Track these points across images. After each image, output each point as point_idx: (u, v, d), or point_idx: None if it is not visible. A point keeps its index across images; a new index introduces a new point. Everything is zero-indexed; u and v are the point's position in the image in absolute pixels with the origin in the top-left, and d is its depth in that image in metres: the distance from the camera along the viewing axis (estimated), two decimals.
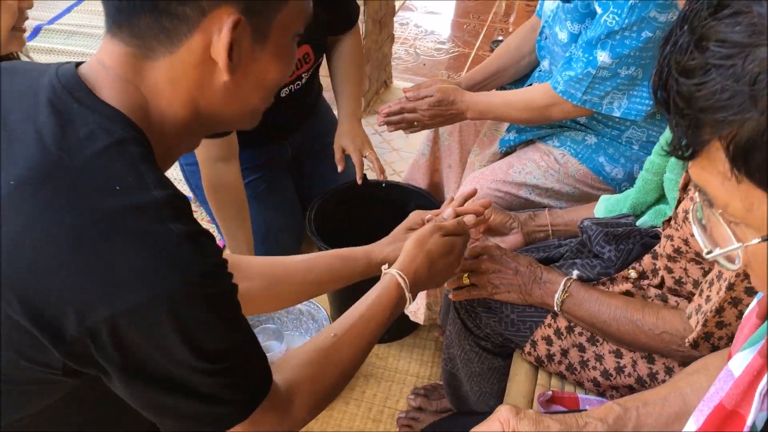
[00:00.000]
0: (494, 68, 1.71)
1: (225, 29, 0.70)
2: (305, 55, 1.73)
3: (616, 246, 1.21)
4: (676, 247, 1.07)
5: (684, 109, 0.51)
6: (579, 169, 1.49)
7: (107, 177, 0.68)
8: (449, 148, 1.76)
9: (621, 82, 1.35)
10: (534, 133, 1.57)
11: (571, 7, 1.41)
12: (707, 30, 0.50)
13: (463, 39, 3.53)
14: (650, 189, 1.24)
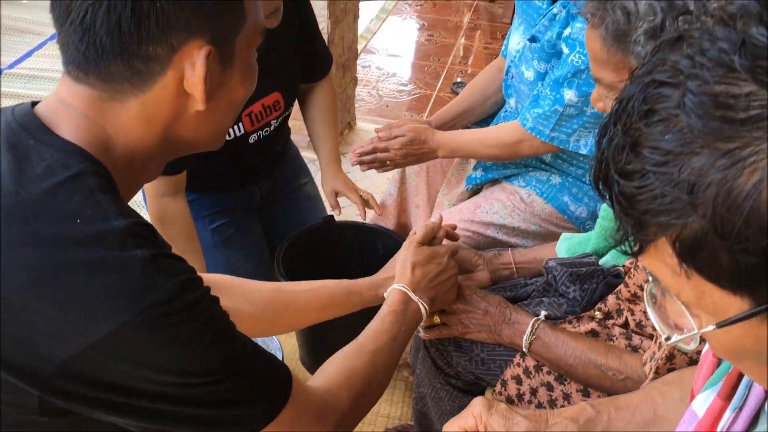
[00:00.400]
0: (462, 108, 1.76)
1: (199, 62, 0.72)
2: (275, 102, 1.75)
3: (580, 286, 1.25)
4: (633, 293, 1.11)
5: (627, 208, 0.51)
6: (545, 208, 1.53)
7: (66, 210, 0.68)
8: (417, 189, 1.79)
9: (587, 120, 1.40)
10: (500, 172, 1.61)
11: (537, 46, 1.47)
12: (639, 136, 0.49)
13: (425, 81, 3.61)
14: (608, 234, 1.28)
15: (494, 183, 1.64)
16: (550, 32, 1.45)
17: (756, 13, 0.47)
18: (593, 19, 0.97)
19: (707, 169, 0.45)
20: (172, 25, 0.70)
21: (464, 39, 4.14)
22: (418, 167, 1.79)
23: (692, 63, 0.48)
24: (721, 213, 0.45)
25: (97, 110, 0.73)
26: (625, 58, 0.95)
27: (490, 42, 4.15)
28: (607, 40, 0.95)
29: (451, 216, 1.55)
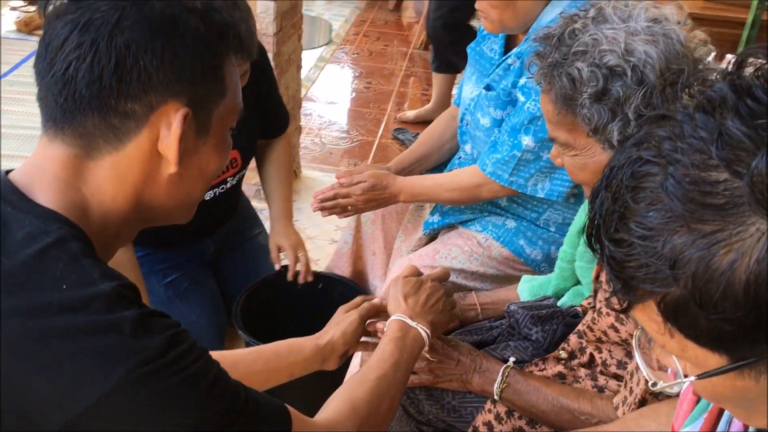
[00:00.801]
0: (419, 154, 1.80)
1: (175, 123, 0.72)
2: (233, 160, 1.76)
3: (542, 327, 1.28)
4: (598, 337, 1.15)
5: (617, 271, 0.55)
6: (501, 252, 1.57)
7: (52, 277, 0.67)
8: (373, 236, 1.81)
9: (543, 165, 1.45)
10: (457, 217, 1.64)
11: (493, 95, 1.52)
12: (626, 209, 0.54)
13: (366, 128, 3.66)
14: (567, 276, 1.33)
15: (450, 228, 1.67)
16: (505, 81, 1.52)
17: (732, 104, 0.52)
18: (544, 84, 1.03)
19: (688, 247, 0.50)
20: (153, 84, 0.71)
21: (401, 86, 4.24)
22: (374, 215, 1.81)
23: (674, 146, 0.53)
24: (700, 286, 0.50)
25: (73, 171, 0.73)
26: (575, 119, 1.00)
27: (426, 89, 4.25)
28: (557, 104, 1.01)
29: (411, 262, 1.56)
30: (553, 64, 0.99)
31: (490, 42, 1.63)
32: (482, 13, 1.50)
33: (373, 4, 5.61)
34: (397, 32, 5.14)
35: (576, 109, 0.99)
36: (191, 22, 0.72)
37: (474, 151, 1.63)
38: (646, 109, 0.94)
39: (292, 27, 2.74)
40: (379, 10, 5.47)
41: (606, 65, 0.95)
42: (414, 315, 1.12)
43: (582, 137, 1.02)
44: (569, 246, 1.29)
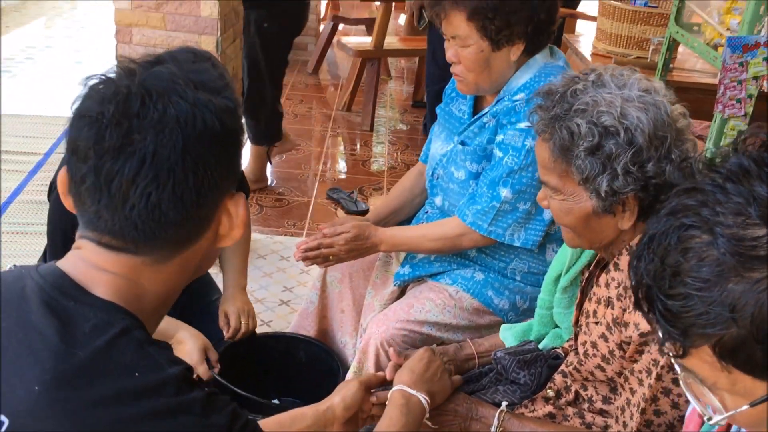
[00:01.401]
0: (394, 206, 1.89)
1: (242, 208, 0.81)
2: None
3: (528, 371, 1.38)
4: (585, 377, 1.25)
5: (673, 322, 0.65)
6: (472, 303, 1.66)
7: (123, 365, 0.72)
8: (340, 295, 1.86)
9: (519, 216, 1.57)
10: (426, 270, 1.72)
11: (470, 149, 1.64)
12: (679, 267, 0.65)
13: (300, 189, 3.72)
14: (546, 321, 1.44)
15: (419, 282, 1.75)
16: (480, 138, 1.64)
17: (756, 174, 0.65)
18: (544, 134, 1.13)
19: (744, 293, 0.61)
20: (220, 185, 0.79)
21: (330, 147, 4.35)
22: (340, 275, 1.87)
23: (714, 212, 0.64)
24: (757, 324, 0.61)
25: (138, 273, 0.78)
26: (569, 168, 1.11)
27: (353, 149, 4.38)
28: (555, 152, 1.12)
29: (386, 317, 1.63)
30: (555, 117, 1.10)
31: (458, 103, 1.76)
32: (458, 77, 1.63)
33: (292, 67, 5.73)
34: (317, 94, 5.28)
35: (571, 159, 1.09)
36: (227, 121, 0.79)
37: (445, 203, 1.73)
38: (633, 167, 1.06)
39: None
40: (299, 74, 5.61)
41: (602, 124, 1.06)
42: (413, 384, 1.22)
43: (572, 185, 1.13)
44: (547, 294, 1.40)
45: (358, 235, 1.66)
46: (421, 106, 5.11)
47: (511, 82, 1.61)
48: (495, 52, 1.56)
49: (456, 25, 1.56)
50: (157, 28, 2.47)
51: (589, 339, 1.21)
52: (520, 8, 1.52)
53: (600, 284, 1.21)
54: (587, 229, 1.16)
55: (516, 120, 1.56)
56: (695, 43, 2.60)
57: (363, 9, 5.97)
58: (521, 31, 1.54)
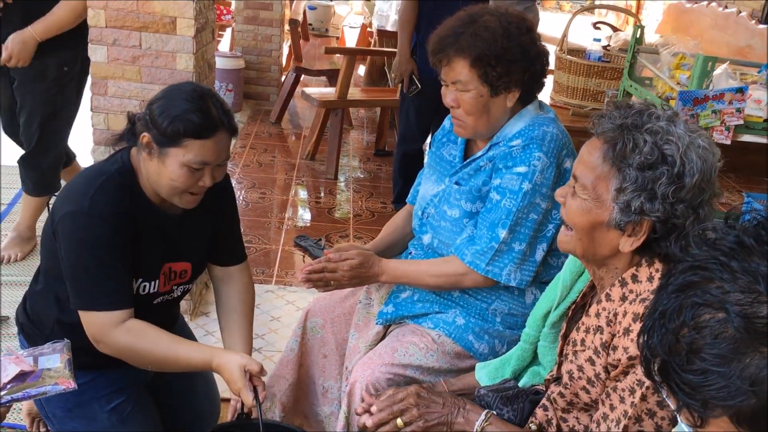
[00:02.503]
0: (390, 241, 1.95)
1: None
2: (183, 271, 1.76)
3: (511, 407, 1.44)
4: (569, 401, 1.32)
5: (693, 395, 0.69)
6: (454, 347, 1.71)
7: None
8: (323, 340, 1.89)
9: (516, 256, 1.64)
10: (409, 310, 1.78)
11: (465, 189, 1.72)
12: (694, 343, 0.68)
13: (267, 236, 3.75)
14: (527, 356, 1.50)
15: (401, 324, 1.80)
16: (475, 180, 1.72)
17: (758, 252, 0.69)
18: (605, 135, 1.19)
19: (762, 368, 0.65)
20: None
21: (295, 195, 4.40)
22: (322, 320, 1.91)
23: (723, 290, 0.68)
24: None
25: None
26: (613, 173, 1.18)
27: (320, 196, 4.44)
28: (608, 154, 1.18)
29: (371, 360, 1.66)
30: (626, 125, 1.17)
31: (449, 148, 1.85)
32: (456, 120, 1.71)
33: (255, 117, 5.82)
34: (280, 143, 5.35)
35: (621, 166, 1.16)
36: None
37: (434, 241, 1.79)
38: (670, 198, 1.13)
39: None
40: (262, 123, 5.68)
41: (665, 151, 1.14)
42: None
43: (604, 189, 1.19)
44: (533, 329, 1.47)
45: (362, 263, 1.71)
46: (383, 154, 5.23)
47: (505, 129, 1.70)
48: (493, 97, 1.65)
49: (458, 71, 1.65)
50: (132, 80, 2.51)
51: (576, 364, 1.27)
52: (519, 58, 1.63)
53: (590, 314, 1.28)
54: (590, 237, 1.22)
55: (512, 164, 1.65)
56: (648, 96, 2.76)
57: (324, 60, 6.11)
58: (518, 79, 1.65)
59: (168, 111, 1.53)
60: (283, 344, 2.74)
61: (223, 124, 1.55)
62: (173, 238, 1.71)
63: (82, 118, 4.11)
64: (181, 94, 1.56)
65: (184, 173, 1.54)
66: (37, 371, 1.41)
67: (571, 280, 1.42)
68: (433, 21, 3.45)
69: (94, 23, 2.44)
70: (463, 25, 1.65)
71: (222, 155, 1.58)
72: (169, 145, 1.53)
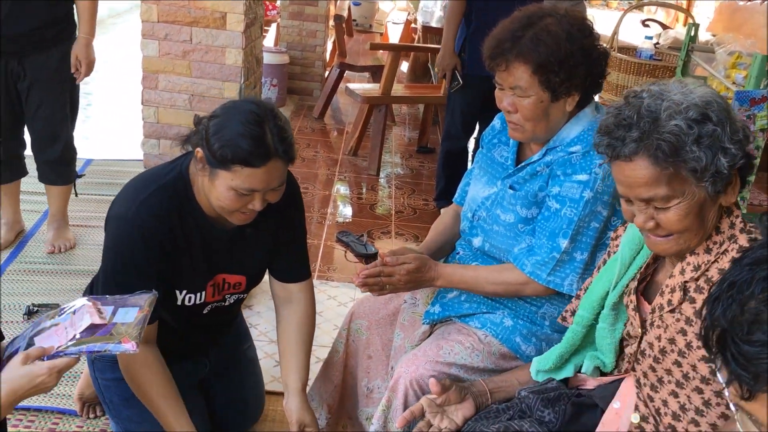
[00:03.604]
0: (440, 242, 1.93)
1: None
2: (238, 283, 1.77)
3: (552, 408, 1.42)
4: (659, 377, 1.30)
5: (746, 366, 0.70)
6: (500, 348, 1.69)
7: None
8: (368, 342, 1.89)
9: (577, 266, 1.61)
10: (456, 311, 1.76)
11: (521, 194, 1.68)
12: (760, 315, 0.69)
13: (310, 231, 3.76)
14: (576, 340, 1.47)
15: (447, 323, 1.78)
16: (531, 185, 1.68)
17: None
18: (635, 155, 1.18)
19: None
20: None
21: (337, 191, 4.41)
22: (367, 322, 1.91)
23: None
24: None
25: None
26: (680, 167, 1.16)
27: (362, 192, 4.45)
28: (660, 162, 1.16)
29: (416, 357, 1.65)
30: (645, 132, 1.16)
31: (501, 150, 1.81)
32: (513, 125, 1.66)
33: (298, 112, 5.86)
34: (323, 139, 5.37)
35: (685, 157, 1.15)
36: None
37: (486, 244, 1.76)
38: (734, 137, 1.15)
39: None
40: (305, 118, 5.72)
41: (692, 118, 1.15)
42: None
43: (682, 184, 1.18)
44: (588, 311, 1.43)
45: (419, 267, 1.68)
46: (425, 151, 5.21)
47: (561, 132, 1.66)
48: (554, 102, 1.61)
49: (518, 76, 1.59)
50: (182, 75, 2.55)
51: (665, 335, 1.27)
52: (581, 62, 1.58)
53: (674, 274, 1.27)
54: (701, 223, 1.21)
55: (572, 172, 1.61)
56: None
57: (368, 56, 6.11)
58: (579, 83, 1.60)
59: (221, 132, 1.47)
60: (324, 339, 2.76)
61: (278, 153, 1.47)
62: (227, 251, 1.69)
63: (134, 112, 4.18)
64: (239, 114, 1.48)
65: (232, 196, 1.50)
66: (108, 325, 1.31)
67: (630, 257, 1.40)
68: (484, 18, 3.47)
69: (146, 18, 2.48)
70: (522, 28, 1.59)
71: (273, 183, 1.51)
72: (218, 167, 1.48)
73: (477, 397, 1.52)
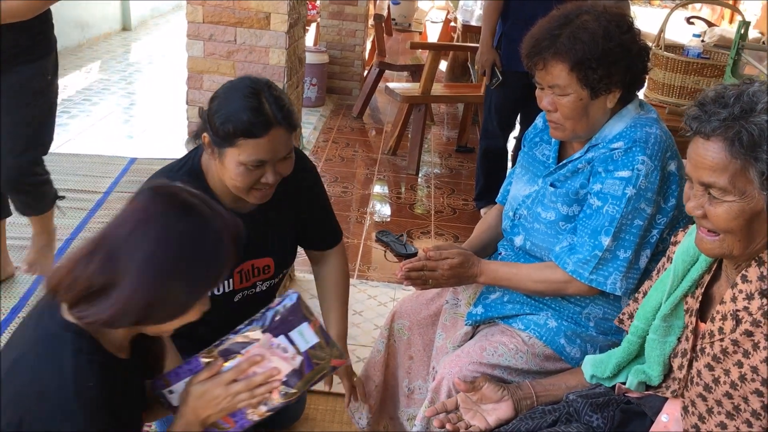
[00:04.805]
0: (484, 240, 1.92)
1: None
2: (266, 266, 1.78)
3: (601, 414, 1.40)
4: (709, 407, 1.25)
5: None
6: (544, 350, 1.67)
7: None
8: (409, 342, 1.89)
9: (621, 264, 1.58)
10: (499, 311, 1.74)
11: (562, 192, 1.66)
12: None
13: (350, 230, 3.78)
14: (633, 350, 1.44)
15: (490, 324, 1.77)
16: (572, 182, 1.66)
17: None
18: (715, 134, 1.14)
19: None
20: None
21: (375, 190, 4.42)
22: (408, 322, 1.91)
23: None
24: None
25: None
26: (750, 165, 1.12)
27: (401, 191, 4.45)
28: (734, 150, 1.12)
29: (459, 358, 1.65)
30: (735, 115, 1.12)
31: (542, 148, 1.79)
32: (553, 123, 1.65)
33: (337, 111, 5.88)
34: (362, 138, 5.38)
35: (759, 155, 1.11)
36: None
37: (527, 243, 1.75)
38: None
39: (294, 138, 2.89)
40: (344, 118, 5.74)
41: None
42: None
43: (744, 183, 1.14)
44: (642, 322, 1.40)
45: (462, 263, 1.67)
46: (464, 151, 5.19)
47: (604, 130, 1.64)
48: (593, 100, 1.59)
49: (556, 75, 1.58)
50: (226, 75, 2.57)
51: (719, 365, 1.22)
52: (620, 58, 1.56)
53: (725, 300, 1.23)
54: (748, 233, 1.17)
55: (614, 168, 1.58)
56: None
57: (407, 55, 6.11)
58: (619, 79, 1.57)
59: (221, 110, 1.52)
60: (365, 338, 2.77)
61: (278, 120, 1.52)
62: (249, 236, 1.70)
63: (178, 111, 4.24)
64: (236, 92, 1.53)
65: (242, 172, 1.53)
66: (305, 360, 1.27)
67: (683, 269, 1.35)
68: (520, 13, 3.45)
69: (191, 19, 2.51)
70: (560, 26, 1.58)
71: (280, 152, 1.54)
72: (224, 146, 1.52)
73: (520, 400, 1.51)
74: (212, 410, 1.26)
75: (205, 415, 1.26)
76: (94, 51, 6.92)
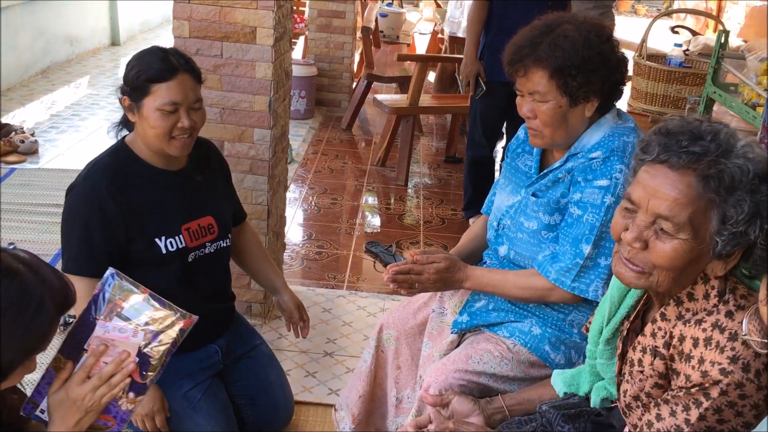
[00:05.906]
0: (471, 248, 1.95)
1: None
2: (209, 225, 1.92)
3: (573, 425, 1.41)
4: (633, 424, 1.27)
5: None
6: (529, 357, 1.69)
7: None
8: (397, 351, 1.91)
9: (602, 272, 1.60)
10: (484, 319, 1.76)
11: (543, 201, 1.69)
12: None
13: (339, 242, 3.79)
14: (596, 371, 1.46)
15: (476, 332, 1.79)
16: (553, 191, 1.69)
17: None
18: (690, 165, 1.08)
19: None
20: None
21: (365, 201, 4.44)
22: (396, 332, 1.92)
23: None
24: None
25: None
26: (713, 206, 1.07)
27: (390, 202, 4.47)
28: (708, 186, 1.07)
29: (444, 366, 1.66)
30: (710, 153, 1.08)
31: (524, 159, 1.82)
32: (533, 131, 1.68)
33: (326, 123, 5.90)
34: (351, 150, 5.40)
35: (732, 199, 1.06)
36: None
37: (511, 252, 1.77)
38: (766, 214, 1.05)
39: (282, 151, 2.91)
40: (333, 130, 5.76)
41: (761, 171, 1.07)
42: None
43: (701, 223, 1.08)
44: (593, 345, 1.42)
45: (448, 267, 1.70)
46: (453, 161, 5.22)
47: (582, 139, 1.67)
48: (572, 107, 1.62)
49: (536, 82, 1.61)
50: (213, 88, 2.59)
51: (631, 389, 1.24)
52: (600, 67, 1.59)
53: (645, 334, 1.23)
54: (683, 273, 1.13)
55: (593, 177, 1.61)
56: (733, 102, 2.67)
57: (395, 67, 6.15)
58: (598, 88, 1.61)
59: (134, 68, 1.77)
60: (354, 349, 2.78)
61: (182, 66, 1.76)
62: (187, 195, 1.89)
63: None
64: (146, 53, 1.79)
65: (159, 116, 1.72)
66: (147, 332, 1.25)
67: (619, 296, 1.34)
68: (503, 24, 3.50)
69: (178, 34, 2.53)
70: (541, 35, 1.62)
71: (189, 96, 1.76)
72: (141, 97, 1.74)
73: (492, 414, 1.53)
74: (79, 414, 1.23)
75: (74, 420, 1.22)
76: (83, 66, 6.92)
